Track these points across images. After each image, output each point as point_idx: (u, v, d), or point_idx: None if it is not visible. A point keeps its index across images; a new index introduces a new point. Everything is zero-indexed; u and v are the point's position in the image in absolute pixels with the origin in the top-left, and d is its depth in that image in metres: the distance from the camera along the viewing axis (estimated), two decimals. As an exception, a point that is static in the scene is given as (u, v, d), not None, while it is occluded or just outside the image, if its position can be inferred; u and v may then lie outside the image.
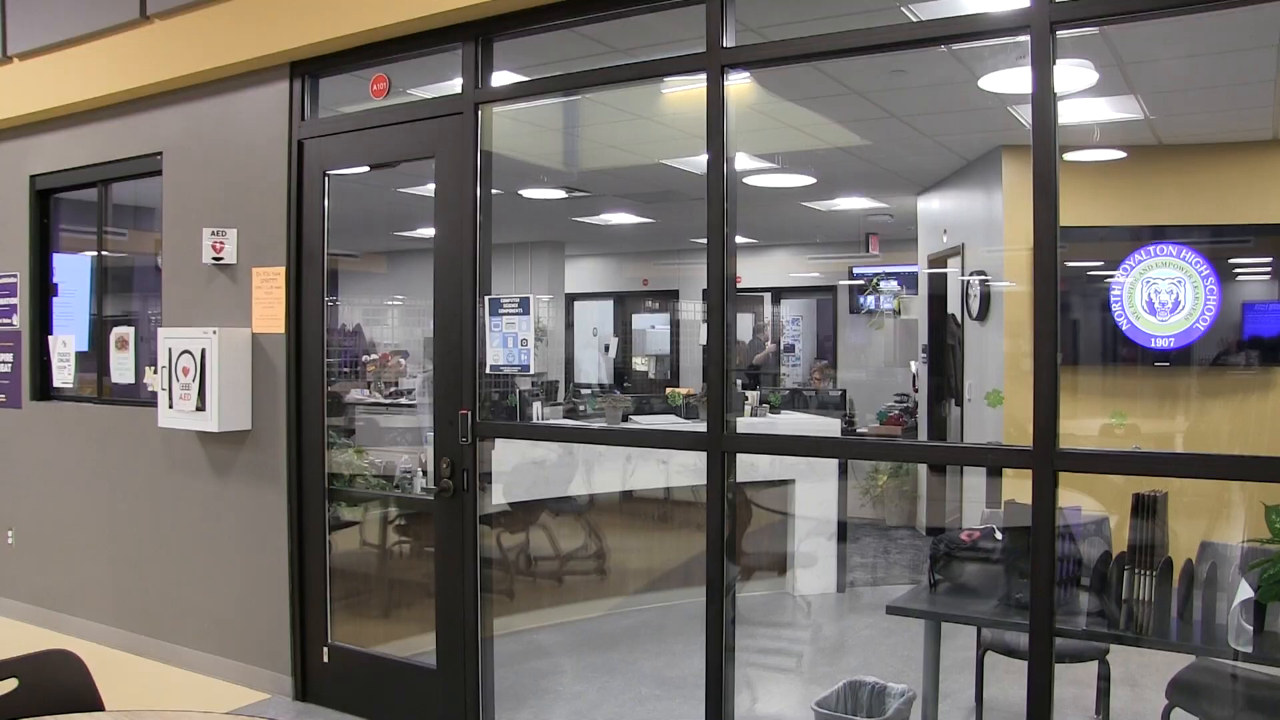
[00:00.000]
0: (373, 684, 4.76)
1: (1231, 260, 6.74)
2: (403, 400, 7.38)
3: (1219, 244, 6.73)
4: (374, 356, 8.74)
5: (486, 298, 4.31)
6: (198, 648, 5.34)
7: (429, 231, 4.57)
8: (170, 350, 5.08)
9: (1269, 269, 6.81)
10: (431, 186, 4.51)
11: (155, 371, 5.27)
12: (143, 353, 5.70)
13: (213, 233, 5.10)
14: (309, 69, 4.88)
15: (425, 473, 4.85)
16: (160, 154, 5.47)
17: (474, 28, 4.29)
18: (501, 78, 4.41)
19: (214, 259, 5.10)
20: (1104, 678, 4.32)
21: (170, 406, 5.10)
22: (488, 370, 4.34)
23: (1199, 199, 6.89)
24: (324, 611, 4.91)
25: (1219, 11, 3.87)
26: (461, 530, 4.39)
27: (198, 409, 4.98)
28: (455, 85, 4.42)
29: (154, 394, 5.29)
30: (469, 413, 4.32)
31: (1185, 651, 3.83)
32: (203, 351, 4.95)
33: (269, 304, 4.96)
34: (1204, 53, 5.16)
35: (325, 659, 4.90)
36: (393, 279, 13.18)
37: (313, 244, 4.89)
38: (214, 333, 4.92)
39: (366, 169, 5.08)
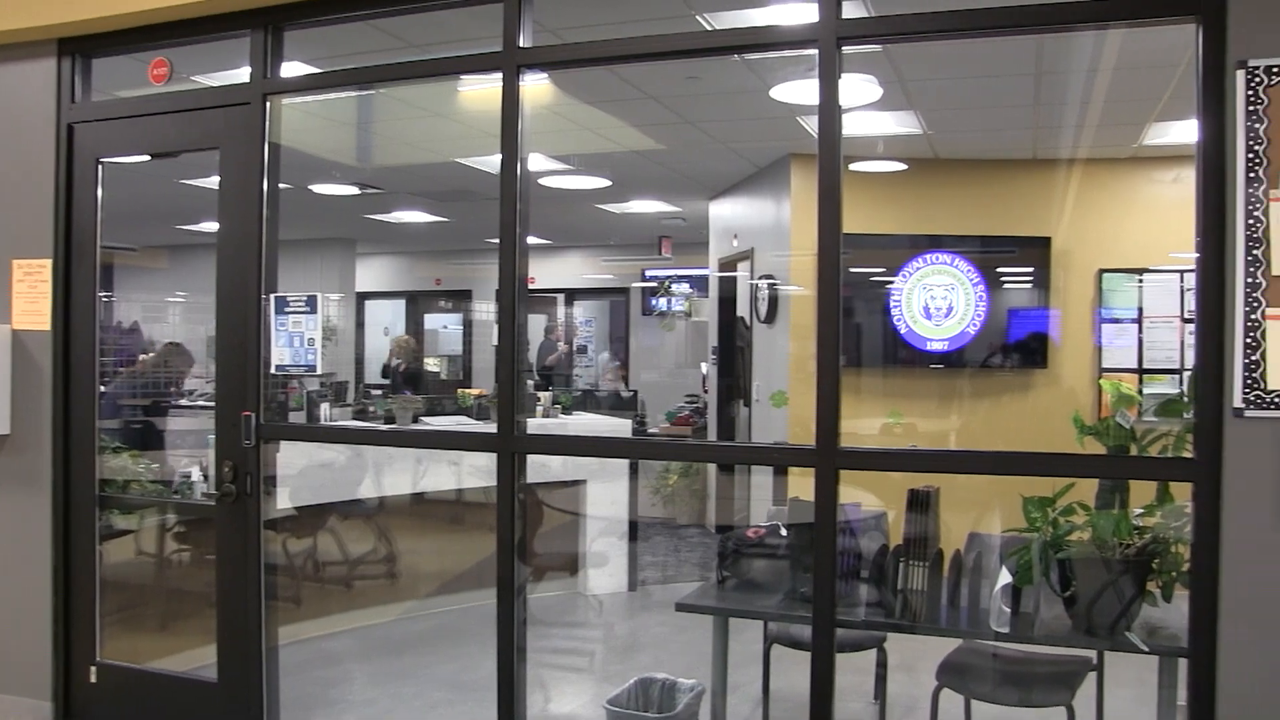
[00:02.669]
0: (147, 702, 4.53)
1: (999, 269, 7.18)
2: (184, 402, 7.08)
3: (987, 254, 7.16)
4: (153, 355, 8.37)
5: (272, 295, 4.17)
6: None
7: (214, 225, 4.39)
8: (-83, 347, 4.69)
9: (1030, 278, 7.29)
10: (216, 179, 4.32)
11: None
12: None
13: (-32, 221, 4.74)
14: (80, 47, 4.59)
15: (207, 477, 4.65)
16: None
17: (263, 15, 4.13)
18: (292, 68, 4.27)
19: (-31, 249, 4.74)
20: (882, 664, 4.53)
21: (-82, 408, 4.71)
22: (273, 370, 4.20)
23: (970, 211, 7.30)
24: (92, 628, 4.62)
25: (985, 39, 4.14)
26: (244, 536, 4.23)
27: (-50, 411, 4.62)
28: (243, 74, 4.25)
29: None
30: (253, 414, 4.17)
31: (954, 636, 4.07)
32: (-45, 349, 4.59)
33: (32, 299, 4.64)
34: (974, 75, 5.47)
35: (93, 679, 4.61)
36: (174, 274, 12.55)
37: (84, 236, 4.60)
38: (-32, 329, 4.58)
39: (146, 158, 4.83)
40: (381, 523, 6.79)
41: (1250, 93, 2.74)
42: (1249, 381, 2.74)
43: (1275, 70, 2.72)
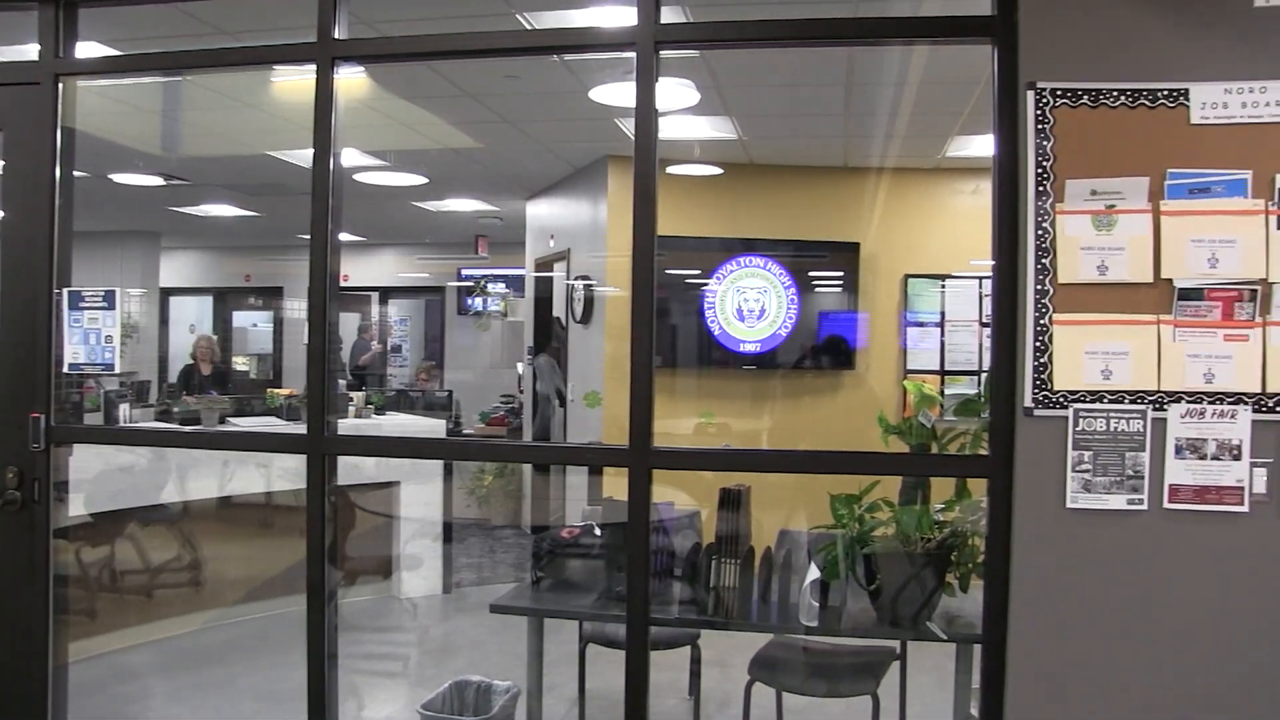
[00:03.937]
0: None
1: (810, 273, 7.41)
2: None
3: (799, 258, 7.39)
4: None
5: (65, 290, 3.95)
6: None
7: (-2, 214, 4.13)
8: None
9: (840, 282, 7.54)
10: (0, 163, 4.06)
11: None
12: None
13: None
14: None
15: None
16: None
17: (54, -9, 3.90)
18: (89, 49, 4.04)
19: None
20: (696, 660, 4.61)
21: None
22: (66, 369, 3.98)
23: (783, 216, 7.50)
24: None
25: (799, 49, 4.27)
26: (31, 546, 3.97)
27: None
28: (31, 51, 4.00)
29: None
30: (42, 416, 3.94)
31: (765, 631, 4.18)
32: None
33: None
34: (788, 84, 5.63)
35: None
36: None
37: None
38: None
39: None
40: (185, 528, 6.53)
41: (1039, 112, 2.89)
42: (1038, 382, 2.90)
43: (1060, 93, 2.88)
